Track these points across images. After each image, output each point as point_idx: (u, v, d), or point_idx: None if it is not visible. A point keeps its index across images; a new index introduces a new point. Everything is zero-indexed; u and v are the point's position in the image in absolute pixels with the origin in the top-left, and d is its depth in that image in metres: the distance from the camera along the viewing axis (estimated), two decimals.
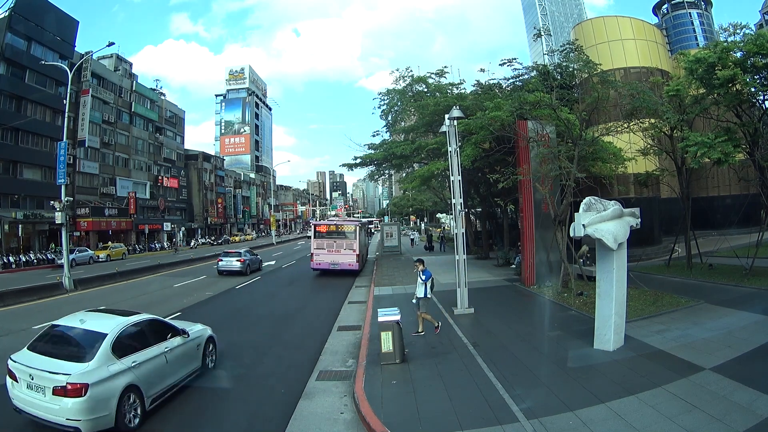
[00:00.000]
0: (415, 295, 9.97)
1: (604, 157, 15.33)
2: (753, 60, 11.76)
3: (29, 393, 5.52)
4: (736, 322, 9.09)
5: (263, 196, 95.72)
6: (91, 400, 5.32)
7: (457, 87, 23.05)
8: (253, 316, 13.12)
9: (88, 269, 26.72)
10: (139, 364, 6.08)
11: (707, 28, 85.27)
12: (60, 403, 5.27)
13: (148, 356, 6.32)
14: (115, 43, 25.34)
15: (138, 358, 6.13)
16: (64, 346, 5.96)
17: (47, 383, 5.35)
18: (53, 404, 5.30)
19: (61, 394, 5.27)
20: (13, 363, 5.75)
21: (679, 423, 5.13)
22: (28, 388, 5.53)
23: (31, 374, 5.50)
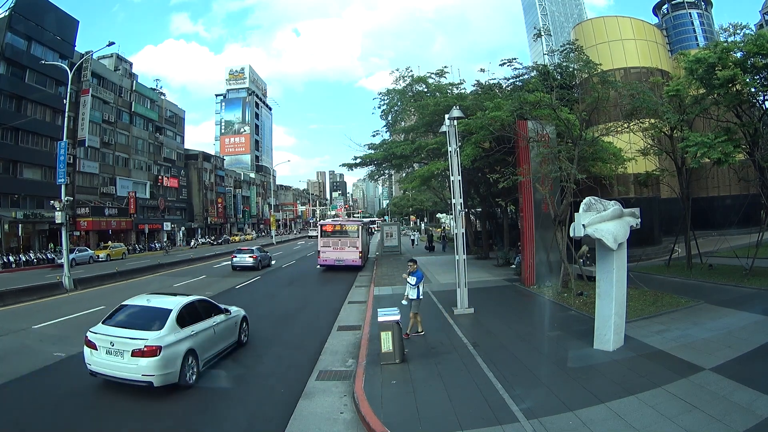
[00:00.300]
0: (406, 295, 9.86)
1: (604, 158, 15.33)
2: (753, 60, 11.76)
3: (108, 357, 6.74)
4: (736, 322, 9.09)
5: (263, 195, 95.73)
6: (163, 360, 6.61)
7: (457, 87, 23.06)
8: (252, 315, 13.01)
9: (87, 269, 26.72)
10: (196, 333, 7.53)
11: (707, 29, 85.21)
12: (137, 363, 6.53)
13: (202, 328, 7.78)
14: (115, 43, 25.30)
15: (195, 328, 7.56)
16: (136, 320, 7.17)
17: (127, 347, 6.61)
18: (131, 365, 6.56)
19: (138, 355, 6.54)
20: (93, 334, 6.94)
21: (679, 423, 5.13)
22: (107, 353, 6.76)
23: (111, 341, 6.73)
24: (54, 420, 6.10)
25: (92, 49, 48.47)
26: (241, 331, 9.43)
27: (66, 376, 7.71)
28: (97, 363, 6.80)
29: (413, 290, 9.60)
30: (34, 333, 10.63)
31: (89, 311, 13.06)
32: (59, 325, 11.36)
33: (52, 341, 9.76)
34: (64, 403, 6.60)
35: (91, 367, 6.88)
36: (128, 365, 6.59)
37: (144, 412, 6.38)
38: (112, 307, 7.80)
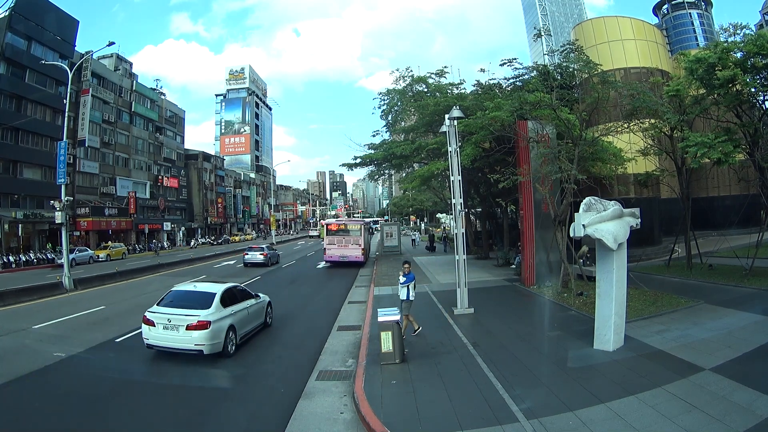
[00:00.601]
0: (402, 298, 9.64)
1: (604, 158, 15.34)
2: (753, 60, 11.76)
3: (164, 332, 8.19)
4: (736, 322, 9.10)
5: (263, 195, 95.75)
6: (212, 332, 8.14)
7: (457, 87, 23.07)
8: None
9: (87, 269, 26.72)
10: (235, 313, 9.06)
11: (707, 29, 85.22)
12: (191, 335, 8.06)
13: (239, 308, 9.33)
14: (115, 43, 25.42)
15: (234, 308, 9.09)
16: (187, 301, 8.69)
17: (182, 323, 8.12)
18: (185, 336, 8.07)
19: (192, 328, 8.06)
20: (151, 313, 8.38)
21: (679, 423, 5.13)
22: (164, 329, 8.20)
23: (168, 319, 8.22)
24: (54, 420, 6.10)
25: (92, 49, 48.52)
26: (267, 314, 11.16)
27: (66, 376, 7.71)
28: (155, 337, 8.27)
29: (402, 290, 9.44)
30: (34, 333, 10.62)
31: (89, 311, 13.07)
32: (59, 325, 11.36)
33: (52, 341, 9.76)
34: (65, 404, 6.60)
35: (149, 341, 8.33)
36: (183, 337, 8.09)
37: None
38: (113, 307, 7.86)
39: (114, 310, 13.31)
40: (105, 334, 10.34)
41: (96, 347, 9.43)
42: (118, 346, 9.64)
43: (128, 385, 7.39)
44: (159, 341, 8.26)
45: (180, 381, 7.67)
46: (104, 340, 9.93)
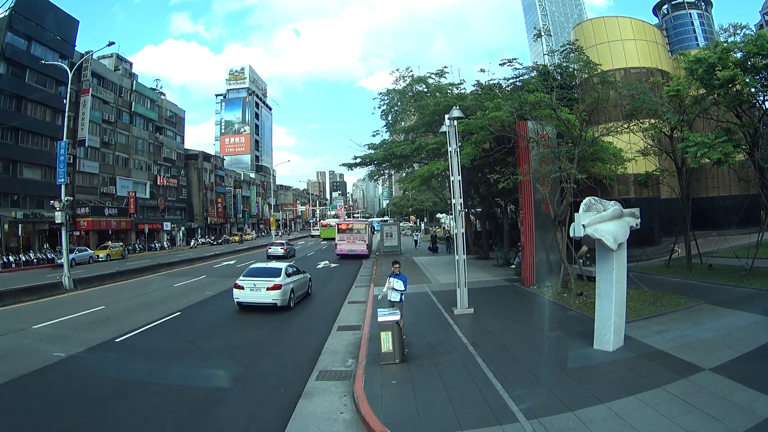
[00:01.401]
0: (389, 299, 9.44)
1: (604, 158, 15.34)
2: (753, 60, 11.76)
3: (251, 293, 12.69)
4: (735, 322, 9.09)
5: (263, 195, 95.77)
6: (282, 292, 12.70)
7: (457, 87, 23.06)
8: (252, 315, 13.13)
9: (87, 269, 26.72)
10: (294, 281, 13.85)
11: (707, 29, 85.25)
12: (269, 294, 12.55)
13: (295, 278, 14.12)
14: (115, 43, 25.43)
15: (293, 278, 13.87)
16: (263, 274, 13.30)
17: (263, 285, 12.68)
18: (265, 294, 12.56)
19: (270, 289, 12.58)
20: (242, 281, 12.95)
21: (679, 423, 5.13)
22: (250, 290, 12.71)
23: (254, 284, 12.76)
24: (54, 420, 6.09)
25: (92, 49, 48.51)
26: (309, 286, 15.92)
27: (66, 377, 7.70)
28: (244, 297, 12.80)
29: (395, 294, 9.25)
30: (33, 333, 10.62)
31: (89, 311, 13.07)
32: (59, 325, 11.36)
33: (52, 341, 9.75)
34: (65, 404, 6.59)
35: (239, 299, 12.87)
36: (264, 295, 12.64)
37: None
38: (113, 307, 7.92)
39: (114, 310, 13.31)
40: (105, 334, 10.33)
41: (96, 347, 9.42)
42: (119, 346, 9.63)
43: (128, 384, 7.39)
44: (247, 299, 12.79)
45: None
46: (104, 339, 9.92)
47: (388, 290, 9.54)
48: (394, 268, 9.77)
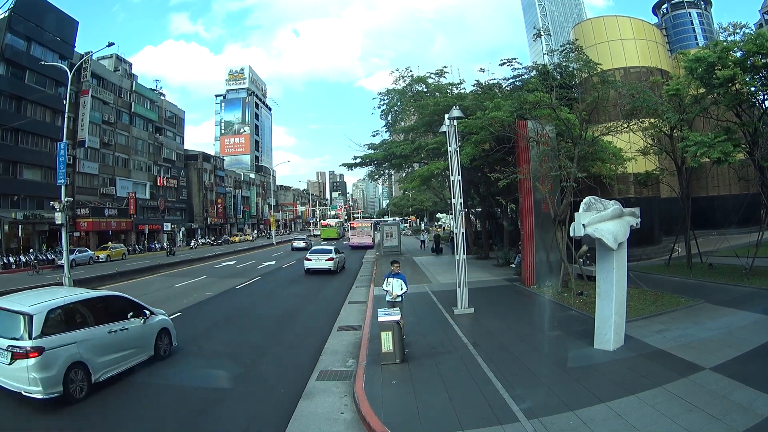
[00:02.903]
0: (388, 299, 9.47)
1: (604, 157, 15.33)
2: (753, 59, 11.75)
3: (316, 263, 22.28)
4: (736, 321, 9.09)
5: (263, 196, 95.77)
6: (335, 262, 22.61)
7: (456, 87, 23.07)
8: (252, 316, 13.14)
9: (88, 269, 26.73)
10: (337, 257, 23.43)
11: (707, 28, 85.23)
12: (327, 262, 22.28)
13: (338, 256, 23.59)
14: (114, 44, 25.47)
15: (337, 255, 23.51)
16: (322, 251, 23.42)
17: (323, 257, 22.59)
18: (325, 263, 22.26)
19: (328, 260, 22.35)
20: (310, 254, 23.22)
21: (679, 423, 5.13)
22: (316, 261, 22.36)
23: (318, 257, 22.54)
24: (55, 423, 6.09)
25: (92, 50, 48.57)
26: (344, 261, 25.08)
27: None
28: (312, 265, 22.22)
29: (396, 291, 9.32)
30: None
31: None
32: None
33: None
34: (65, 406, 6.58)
35: (308, 266, 22.32)
36: (324, 264, 22.13)
37: None
38: None
39: None
40: None
41: None
42: None
43: (129, 384, 7.38)
44: (313, 266, 22.11)
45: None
46: None
47: (386, 292, 9.56)
48: (393, 267, 9.77)
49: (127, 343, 7.56)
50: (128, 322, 7.75)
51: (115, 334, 7.37)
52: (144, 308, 8.35)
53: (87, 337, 6.82)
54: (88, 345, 6.76)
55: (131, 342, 7.68)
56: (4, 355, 6.10)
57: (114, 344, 7.28)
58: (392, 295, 9.40)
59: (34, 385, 5.97)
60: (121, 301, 8.22)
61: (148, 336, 8.18)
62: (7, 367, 6.07)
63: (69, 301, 7.09)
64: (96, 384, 6.76)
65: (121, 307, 8.01)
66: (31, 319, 6.23)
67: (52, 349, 6.22)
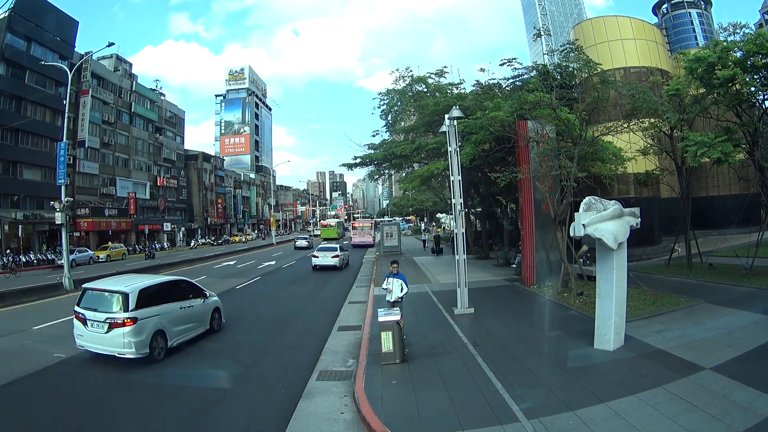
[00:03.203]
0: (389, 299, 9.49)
1: (604, 157, 15.33)
2: (753, 60, 11.75)
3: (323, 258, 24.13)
4: (736, 321, 9.09)
5: (263, 196, 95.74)
6: (339, 259, 24.22)
7: (456, 87, 23.07)
8: (252, 316, 13.13)
9: (88, 270, 26.71)
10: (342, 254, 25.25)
11: (707, 28, 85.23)
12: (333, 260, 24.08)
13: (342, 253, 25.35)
14: (114, 44, 25.50)
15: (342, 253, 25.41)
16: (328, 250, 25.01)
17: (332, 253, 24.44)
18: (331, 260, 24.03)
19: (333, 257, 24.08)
20: (317, 252, 24.83)
21: (679, 423, 5.13)
22: (323, 258, 24.12)
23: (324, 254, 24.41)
24: (53, 422, 6.09)
25: (92, 50, 48.46)
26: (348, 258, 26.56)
27: (66, 378, 7.70)
28: (318, 262, 23.73)
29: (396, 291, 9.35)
30: (34, 334, 10.63)
31: None
32: (59, 326, 11.34)
33: (53, 342, 9.75)
34: (64, 406, 6.60)
35: (315, 263, 23.78)
36: (330, 260, 23.75)
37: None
38: None
39: None
40: None
41: None
42: None
43: (129, 385, 7.39)
44: (320, 263, 23.50)
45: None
46: None
47: (386, 291, 9.56)
48: (393, 268, 9.77)
49: (191, 318, 9.60)
50: (193, 302, 9.78)
51: (184, 310, 9.39)
52: (203, 291, 10.38)
53: (165, 312, 8.73)
54: (166, 317, 8.72)
55: (194, 317, 9.73)
56: (101, 327, 7.93)
57: (183, 318, 9.30)
58: (392, 294, 9.40)
59: (128, 347, 7.81)
60: (187, 285, 10.13)
61: (206, 313, 10.25)
62: (103, 336, 7.89)
63: (152, 283, 8.94)
64: (170, 348, 8.68)
65: (186, 289, 9.90)
66: (127, 297, 8.03)
67: (143, 319, 8.09)
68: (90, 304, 8.26)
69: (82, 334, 8.18)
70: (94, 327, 8.04)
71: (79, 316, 8.22)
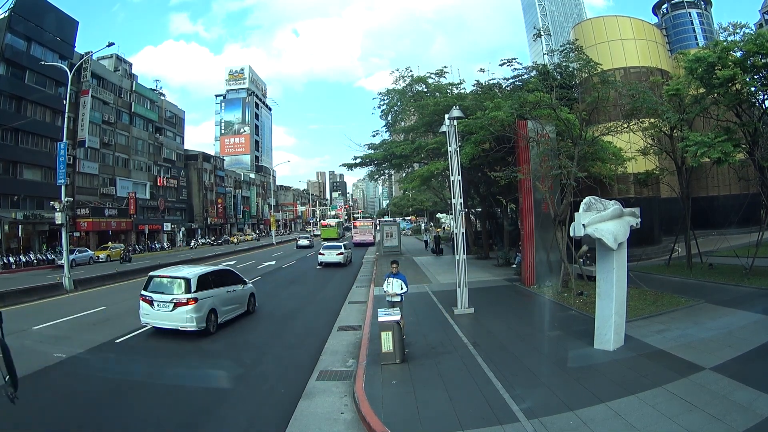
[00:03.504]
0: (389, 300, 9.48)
1: (604, 157, 15.33)
2: (753, 59, 11.76)
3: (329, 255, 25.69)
4: (736, 321, 9.09)
5: (263, 196, 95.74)
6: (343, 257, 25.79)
7: (456, 87, 23.07)
8: (252, 315, 13.12)
9: (88, 269, 26.71)
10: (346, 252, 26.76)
11: (707, 28, 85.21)
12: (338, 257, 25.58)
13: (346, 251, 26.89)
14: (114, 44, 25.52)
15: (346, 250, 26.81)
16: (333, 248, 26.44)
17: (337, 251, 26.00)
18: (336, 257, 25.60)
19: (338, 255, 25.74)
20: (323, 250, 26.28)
21: (679, 423, 5.13)
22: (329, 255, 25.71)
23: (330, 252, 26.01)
24: (51, 422, 6.09)
25: (92, 50, 48.51)
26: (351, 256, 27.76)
27: (66, 378, 7.70)
28: (324, 259, 25.33)
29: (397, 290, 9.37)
30: (34, 334, 10.62)
31: (90, 312, 13.07)
32: (59, 326, 11.36)
33: (53, 342, 9.75)
34: (64, 406, 6.59)
35: (321, 260, 25.41)
36: (335, 257, 25.43)
37: None
38: (113, 307, 7.96)
39: (114, 311, 13.30)
40: (105, 335, 10.34)
41: (96, 348, 9.43)
42: (119, 346, 9.64)
43: (129, 385, 7.39)
44: (326, 260, 25.11)
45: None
46: (105, 340, 9.92)
47: (386, 292, 9.55)
48: (392, 268, 9.77)
49: (235, 300, 11.80)
50: (236, 287, 11.97)
51: (229, 294, 11.46)
52: (243, 279, 12.70)
53: (216, 294, 10.78)
54: (217, 299, 10.74)
55: (236, 300, 11.89)
56: (167, 306, 9.89)
57: (229, 300, 11.41)
58: (391, 295, 9.40)
59: (190, 322, 9.79)
60: (232, 273, 12.50)
61: (245, 297, 12.46)
62: (169, 313, 9.87)
63: (207, 271, 11.14)
64: (219, 324, 10.72)
65: (231, 277, 12.13)
66: (190, 281, 10.07)
67: (201, 299, 10.06)
68: (156, 289, 10.16)
69: (148, 313, 10.07)
70: (160, 307, 9.93)
71: (146, 299, 10.07)
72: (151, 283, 10.36)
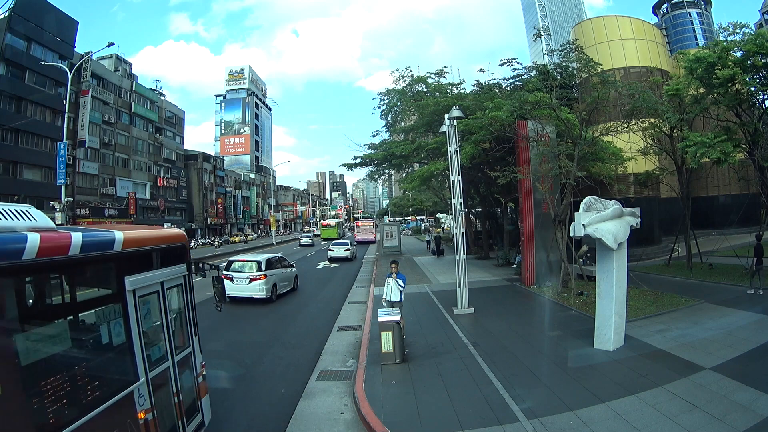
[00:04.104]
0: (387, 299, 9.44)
1: (604, 158, 15.34)
2: (753, 59, 11.78)
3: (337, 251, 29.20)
4: (736, 321, 9.09)
5: (263, 196, 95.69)
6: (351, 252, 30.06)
7: (456, 87, 23.07)
8: (252, 316, 13.12)
9: None
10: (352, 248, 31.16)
11: (707, 28, 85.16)
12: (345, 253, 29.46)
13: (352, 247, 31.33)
14: (114, 44, 25.57)
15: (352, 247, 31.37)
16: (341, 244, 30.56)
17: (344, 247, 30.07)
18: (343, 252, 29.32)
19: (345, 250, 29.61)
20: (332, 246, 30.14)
21: (679, 423, 5.13)
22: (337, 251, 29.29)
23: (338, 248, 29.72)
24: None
25: (92, 50, 48.55)
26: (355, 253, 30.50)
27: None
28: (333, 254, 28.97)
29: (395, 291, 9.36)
30: None
31: None
32: None
33: None
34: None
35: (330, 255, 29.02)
36: (343, 252, 29.17)
37: None
38: None
39: None
40: None
41: None
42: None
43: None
44: (335, 255, 28.65)
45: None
46: None
47: (387, 292, 9.55)
48: (392, 268, 9.77)
49: (286, 279, 15.98)
50: (287, 269, 16.37)
51: (283, 273, 15.79)
52: (292, 264, 17.41)
53: (276, 273, 15.04)
54: (277, 276, 15.00)
55: (287, 278, 16.11)
56: (245, 281, 13.93)
57: (283, 278, 15.70)
58: (391, 294, 9.41)
59: (261, 292, 13.92)
60: (285, 259, 16.71)
61: (292, 277, 16.74)
62: (246, 286, 13.87)
63: (270, 257, 15.31)
64: (278, 295, 14.96)
65: (284, 261, 16.37)
66: (260, 263, 14.33)
67: (268, 276, 14.26)
68: (235, 268, 14.28)
69: (229, 287, 13.16)
70: (238, 282, 13.89)
71: (227, 276, 13.47)
72: (232, 266, 14.41)
